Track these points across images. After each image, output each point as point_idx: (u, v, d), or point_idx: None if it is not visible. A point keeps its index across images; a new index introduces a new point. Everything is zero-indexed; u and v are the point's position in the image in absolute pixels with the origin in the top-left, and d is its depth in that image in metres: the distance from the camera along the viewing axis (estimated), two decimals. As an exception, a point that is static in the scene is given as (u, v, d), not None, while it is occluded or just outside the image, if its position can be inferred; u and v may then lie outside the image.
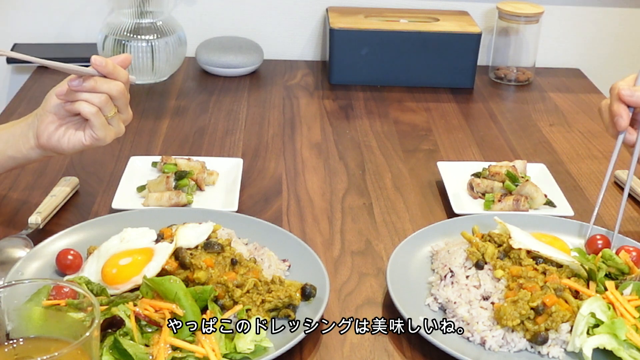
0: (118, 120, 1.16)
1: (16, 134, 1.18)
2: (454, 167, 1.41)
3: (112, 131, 1.15)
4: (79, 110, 1.12)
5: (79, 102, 1.11)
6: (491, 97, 1.84)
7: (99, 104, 1.12)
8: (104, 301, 0.96)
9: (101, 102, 1.12)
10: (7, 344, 0.77)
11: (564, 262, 1.06)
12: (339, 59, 1.84)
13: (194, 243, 1.06)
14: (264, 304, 1.00)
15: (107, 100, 1.12)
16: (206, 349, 0.91)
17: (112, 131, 1.15)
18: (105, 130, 1.14)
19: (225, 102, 1.74)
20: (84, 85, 1.11)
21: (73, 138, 1.15)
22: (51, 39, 1.95)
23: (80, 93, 1.11)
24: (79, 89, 1.11)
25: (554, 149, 1.58)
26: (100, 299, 0.96)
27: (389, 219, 1.30)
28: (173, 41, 1.79)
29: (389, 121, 1.68)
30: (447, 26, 1.85)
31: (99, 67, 1.11)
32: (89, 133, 1.14)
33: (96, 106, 1.12)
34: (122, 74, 1.13)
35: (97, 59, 1.11)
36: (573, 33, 2.04)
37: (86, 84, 1.11)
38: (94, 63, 1.11)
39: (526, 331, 0.98)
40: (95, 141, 1.14)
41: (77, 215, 1.26)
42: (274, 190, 1.37)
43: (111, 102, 1.13)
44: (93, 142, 1.15)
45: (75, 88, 1.11)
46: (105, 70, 1.12)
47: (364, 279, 1.15)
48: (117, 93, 1.13)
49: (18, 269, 1.05)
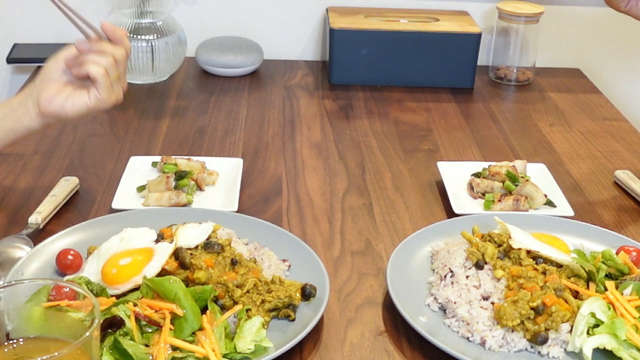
0: (119, 85, 1.20)
1: (14, 106, 1.21)
2: (454, 167, 1.42)
3: (113, 94, 1.19)
4: (87, 71, 1.16)
5: (87, 64, 1.16)
6: (491, 97, 1.84)
7: (106, 65, 1.17)
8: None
9: (108, 63, 1.17)
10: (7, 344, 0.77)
11: (564, 262, 1.06)
12: (339, 59, 1.84)
13: (194, 243, 1.07)
14: (264, 304, 1.00)
15: (113, 63, 1.18)
16: (206, 349, 0.91)
17: (113, 94, 1.19)
18: (109, 92, 1.18)
19: (225, 102, 1.74)
20: (91, 47, 1.17)
21: (77, 100, 1.18)
22: (51, 39, 1.95)
23: (88, 55, 1.17)
24: (87, 50, 1.17)
25: (554, 149, 1.58)
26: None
27: (389, 219, 1.30)
28: (173, 41, 1.79)
29: (389, 121, 1.68)
30: (447, 26, 1.85)
31: (109, 32, 1.18)
32: (94, 94, 1.18)
33: (103, 67, 1.17)
34: (127, 43, 1.20)
35: (108, 25, 1.18)
36: (573, 33, 2.04)
37: (94, 46, 1.17)
38: (104, 27, 1.18)
39: (526, 331, 0.98)
40: (99, 102, 1.18)
41: (77, 215, 1.26)
42: (274, 190, 1.37)
43: (116, 65, 1.18)
44: (97, 104, 1.18)
45: (83, 49, 1.17)
46: (114, 35, 1.18)
47: (364, 279, 1.15)
48: (121, 57, 1.19)
49: (18, 269, 1.05)
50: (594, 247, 1.17)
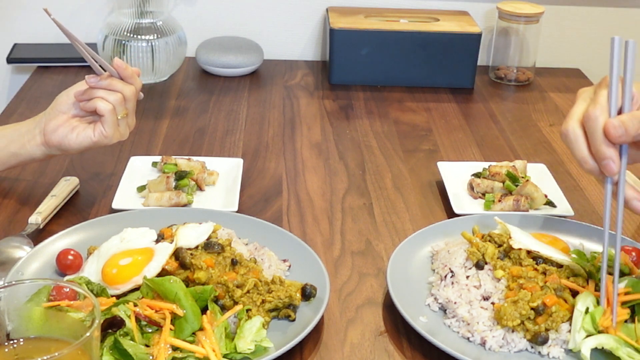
0: (125, 123, 1.23)
1: (22, 131, 1.24)
2: (454, 167, 1.42)
3: (118, 132, 1.22)
4: (94, 107, 1.19)
5: (95, 99, 1.20)
6: (491, 97, 1.84)
7: (113, 102, 1.20)
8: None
9: (116, 100, 1.20)
10: (7, 344, 0.77)
11: (564, 263, 1.06)
12: (339, 59, 1.84)
13: (194, 243, 1.07)
14: (264, 304, 1.00)
15: (122, 100, 1.20)
16: (206, 349, 0.91)
17: (118, 132, 1.22)
18: (115, 128, 1.21)
19: (225, 102, 1.74)
20: (100, 83, 1.20)
21: (82, 134, 1.21)
22: (51, 39, 1.95)
23: (97, 90, 1.20)
24: (96, 86, 1.20)
25: (554, 149, 1.58)
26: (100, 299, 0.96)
27: (389, 219, 1.30)
28: (173, 41, 1.79)
29: (389, 121, 1.68)
30: (447, 26, 1.85)
31: (119, 69, 1.20)
32: (99, 130, 1.21)
33: (111, 104, 1.19)
34: (138, 81, 1.23)
35: (120, 62, 1.20)
36: (573, 33, 2.04)
37: (103, 81, 1.20)
38: (116, 64, 1.20)
39: (526, 331, 0.98)
40: (103, 138, 1.21)
41: (77, 215, 1.26)
42: (274, 190, 1.37)
43: (124, 103, 1.21)
44: (101, 139, 1.21)
45: (93, 84, 1.20)
46: (125, 73, 1.21)
47: (364, 279, 1.15)
48: (130, 94, 1.21)
49: (18, 269, 1.05)
50: (594, 247, 1.17)
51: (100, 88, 1.20)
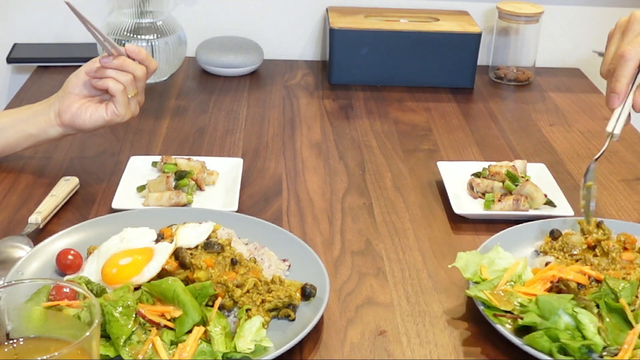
0: (136, 101, 1.28)
1: (37, 113, 1.30)
2: (454, 167, 1.41)
3: (129, 110, 1.27)
4: (106, 86, 1.25)
5: (106, 79, 1.25)
6: (491, 97, 1.84)
7: (125, 82, 1.25)
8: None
9: (127, 80, 1.25)
10: (7, 344, 0.77)
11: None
12: (339, 59, 1.84)
13: (194, 243, 1.07)
14: (264, 303, 1.00)
15: (132, 80, 1.26)
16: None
17: (129, 110, 1.27)
18: (126, 107, 1.26)
19: (225, 102, 1.75)
20: (113, 62, 1.25)
21: (95, 114, 1.27)
22: (51, 39, 1.95)
23: (109, 71, 1.25)
24: (109, 65, 1.25)
25: (554, 149, 1.58)
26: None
27: (389, 219, 1.30)
28: (173, 41, 1.79)
29: (389, 121, 1.68)
30: (447, 26, 1.85)
31: (133, 54, 1.26)
32: (111, 109, 1.26)
33: (122, 84, 1.25)
34: (153, 62, 1.28)
35: (132, 47, 1.25)
36: (573, 33, 2.04)
37: (115, 60, 1.25)
38: (128, 50, 1.25)
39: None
40: (116, 117, 1.27)
41: (77, 215, 1.26)
42: (274, 190, 1.37)
43: (134, 83, 1.26)
44: (113, 118, 1.27)
45: (105, 64, 1.25)
46: (139, 57, 1.26)
47: (364, 279, 1.15)
48: (141, 74, 1.26)
49: (18, 268, 1.05)
50: None
51: (112, 68, 1.24)
